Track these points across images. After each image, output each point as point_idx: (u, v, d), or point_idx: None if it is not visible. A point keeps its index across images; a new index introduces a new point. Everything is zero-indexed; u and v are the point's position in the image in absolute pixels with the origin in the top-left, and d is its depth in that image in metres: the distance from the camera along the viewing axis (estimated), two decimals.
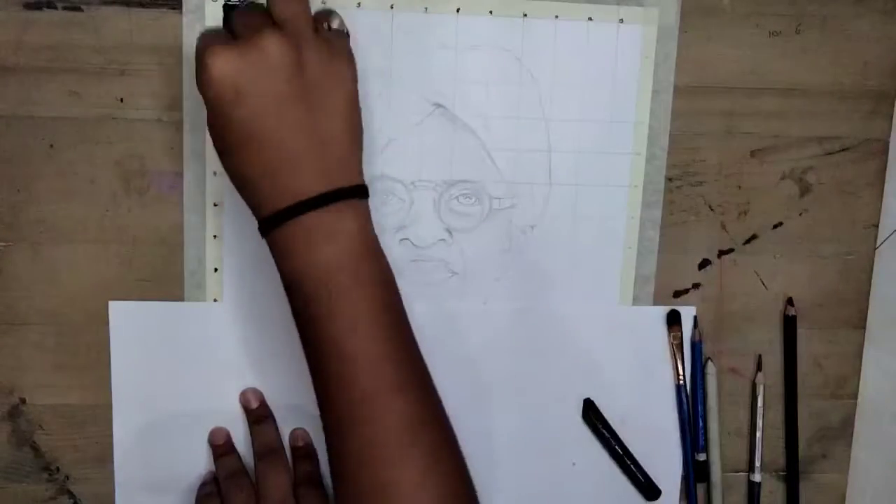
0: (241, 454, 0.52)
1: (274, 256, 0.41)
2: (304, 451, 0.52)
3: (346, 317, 0.40)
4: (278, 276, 0.47)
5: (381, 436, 0.40)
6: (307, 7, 0.40)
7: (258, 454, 0.51)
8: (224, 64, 0.38)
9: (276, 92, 0.39)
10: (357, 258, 0.40)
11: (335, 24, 0.43)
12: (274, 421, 0.52)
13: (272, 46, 0.38)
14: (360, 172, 0.42)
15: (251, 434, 0.52)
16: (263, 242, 0.50)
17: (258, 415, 0.52)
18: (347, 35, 0.44)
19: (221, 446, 0.52)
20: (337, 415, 0.40)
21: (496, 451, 0.54)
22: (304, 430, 0.53)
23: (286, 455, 0.52)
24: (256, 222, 0.41)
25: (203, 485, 0.52)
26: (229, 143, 0.40)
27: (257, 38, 0.38)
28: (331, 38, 0.41)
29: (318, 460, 0.52)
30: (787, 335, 0.55)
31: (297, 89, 0.39)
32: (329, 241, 0.40)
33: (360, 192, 0.41)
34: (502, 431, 0.54)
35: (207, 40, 0.39)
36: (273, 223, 0.40)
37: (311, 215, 0.39)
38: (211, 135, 0.41)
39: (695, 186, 0.53)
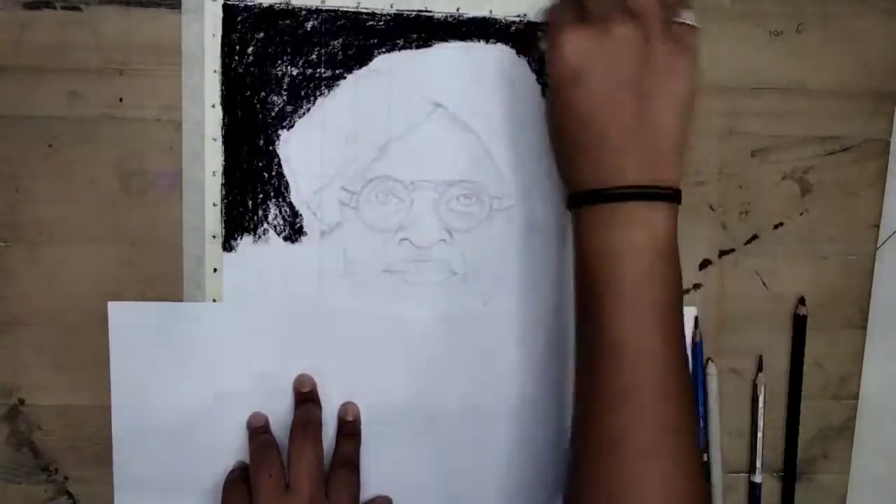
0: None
1: (575, 230, 0.43)
2: (350, 429, 0.51)
3: (629, 305, 0.41)
4: (278, 276, 0.47)
5: (630, 433, 0.40)
6: (660, 1, 0.41)
7: (293, 426, 0.49)
8: (573, 44, 0.40)
9: (618, 79, 0.40)
10: (656, 254, 0.41)
11: (687, 19, 0.43)
12: (319, 405, 0.51)
13: (622, 34, 0.40)
14: (681, 174, 0.43)
15: (295, 412, 0.51)
16: (262, 243, 0.50)
17: (306, 396, 0.51)
18: (697, 30, 0.43)
19: (258, 428, 0.51)
20: (592, 404, 0.41)
21: (496, 451, 0.54)
22: (356, 406, 0.52)
23: (321, 434, 0.50)
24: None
25: (232, 471, 0.51)
26: (562, 116, 0.42)
27: (609, 23, 0.40)
28: (679, 33, 0.42)
29: (360, 442, 0.52)
30: (797, 334, 0.55)
31: (638, 79, 0.40)
32: (635, 232, 0.41)
33: (675, 196, 0.42)
34: (502, 431, 0.54)
35: (560, 16, 0.41)
36: (586, 200, 0.42)
37: (625, 203, 0.41)
38: (548, 103, 0.44)
39: (695, 186, 0.53)
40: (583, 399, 0.43)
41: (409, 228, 0.51)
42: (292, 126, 0.49)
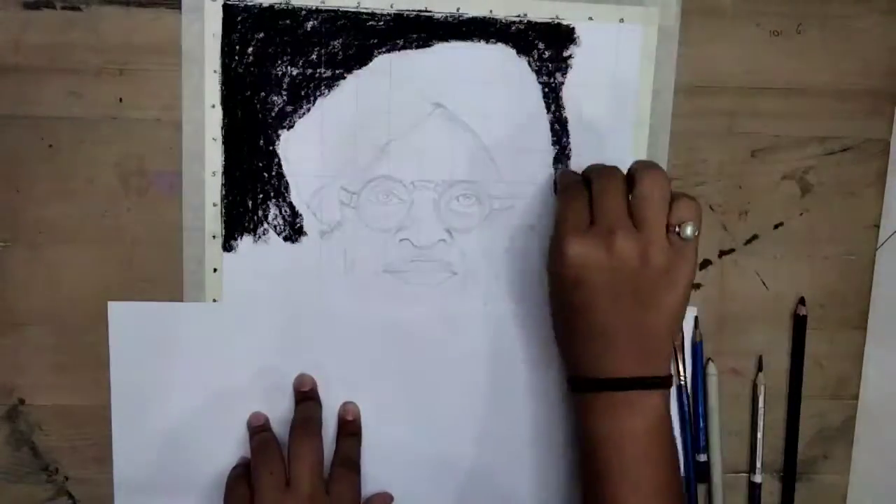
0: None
1: (577, 410, 0.47)
2: (351, 428, 0.52)
3: (631, 485, 0.45)
4: (278, 276, 0.47)
5: None
6: (665, 212, 0.44)
7: (293, 423, 0.49)
8: (577, 251, 0.43)
9: (615, 289, 0.44)
10: (654, 436, 0.45)
11: (688, 233, 0.44)
12: (320, 403, 0.51)
13: (624, 247, 0.43)
14: (669, 363, 0.47)
15: (295, 410, 0.51)
16: (262, 243, 0.50)
17: (306, 395, 0.51)
18: (694, 245, 0.45)
19: (258, 427, 0.51)
20: None
21: (496, 451, 0.54)
22: (356, 406, 0.52)
23: (321, 432, 0.50)
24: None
25: (235, 467, 0.51)
26: (561, 311, 0.47)
27: (614, 235, 0.43)
28: (678, 244, 0.44)
29: (360, 442, 0.52)
30: (797, 334, 0.55)
31: (635, 287, 0.44)
32: (633, 417, 0.45)
33: (666, 382, 0.46)
34: (502, 431, 0.54)
35: (568, 218, 0.45)
36: (587, 386, 0.46)
37: (625, 392, 0.45)
38: (549, 293, 0.48)
39: (695, 186, 0.53)
40: None
41: (409, 228, 0.51)
42: (292, 126, 0.49)
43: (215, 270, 0.50)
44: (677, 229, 0.44)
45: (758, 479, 0.56)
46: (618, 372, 0.45)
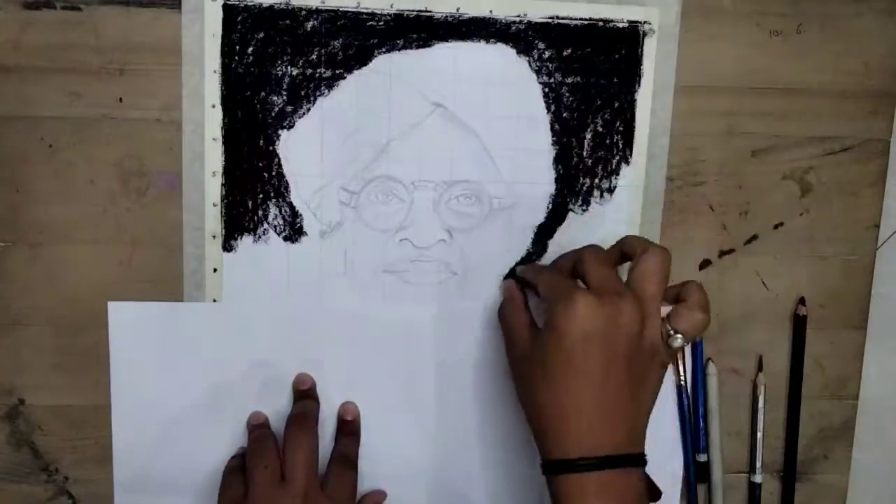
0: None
1: (553, 497, 0.44)
2: (350, 428, 0.52)
3: None
4: (278, 276, 0.47)
5: None
6: (662, 291, 0.44)
7: (289, 418, 0.49)
8: (585, 308, 0.42)
9: (615, 352, 0.42)
10: None
11: (675, 344, 0.44)
12: (317, 402, 0.51)
13: (627, 310, 0.42)
14: (644, 441, 0.45)
15: (292, 407, 0.51)
16: (262, 243, 0.50)
17: (305, 393, 0.51)
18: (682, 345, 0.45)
19: (257, 426, 0.51)
20: None
21: (495, 451, 0.54)
22: (356, 406, 0.52)
23: (317, 428, 0.50)
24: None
25: (232, 458, 0.51)
26: (557, 372, 0.43)
27: (617, 297, 0.42)
28: (664, 339, 0.44)
29: (359, 441, 0.52)
30: (796, 334, 0.55)
31: (631, 355, 0.43)
32: (608, 499, 0.42)
33: (643, 460, 0.44)
34: (502, 431, 0.54)
35: (571, 285, 0.44)
36: (565, 468, 0.43)
37: (606, 473, 0.42)
38: (530, 357, 0.45)
39: (695, 186, 0.53)
40: None
41: (409, 228, 0.51)
42: (292, 126, 0.49)
43: (215, 270, 0.50)
44: (670, 332, 0.44)
45: (758, 479, 0.56)
46: (609, 450, 0.42)
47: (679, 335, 0.44)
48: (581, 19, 0.50)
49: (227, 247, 0.50)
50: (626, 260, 0.47)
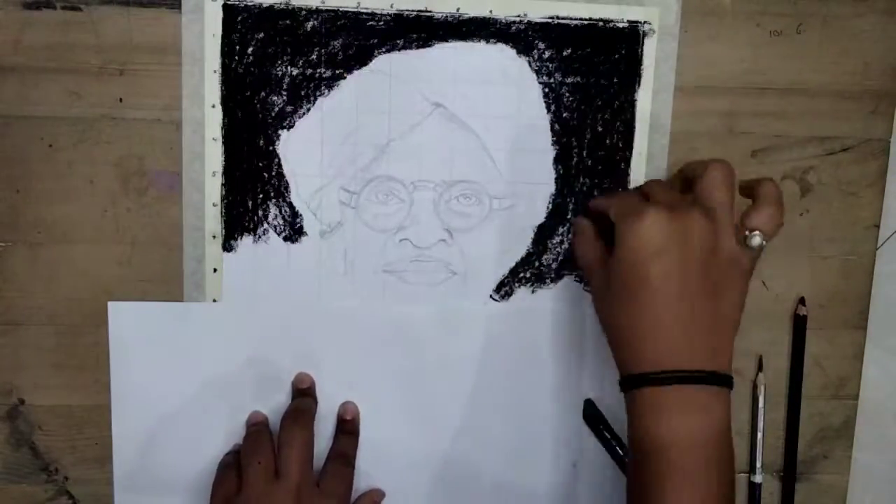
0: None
1: (629, 413, 0.43)
2: (349, 427, 0.52)
3: (683, 493, 0.41)
4: (278, 276, 0.47)
5: None
6: (732, 199, 0.43)
7: (285, 414, 0.49)
8: (658, 224, 0.41)
9: (692, 262, 0.41)
10: (712, 442, 0.42)
11: (754, 243, 0.44)
12: (315, 400, 0.51)
13: (698, 224, 0.41)
14: (731, 362, 0.43)
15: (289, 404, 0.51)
16: (262, 243, 0.50)
17: (303, 392, 0.51)
18: (758, 251, 0.44)
19: (256, 424, 0.51)
20: None
21: (496, 451, 0.54)
22: (356, 406, 0.52)
23: (313, 425, 0.49)
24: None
25: (226, 455, 0.51)
26: (632, 290, 0.42)
27: (687, 212, 0.41)
28: (742, 243, 0.43)
29: (358, 440, 0.52)
30: (796, 334, 0.55)
31: (707, 267, 0.41)
32: (694, 418, 0.41)
33: (729, 381, 0.43)
34: (502, 431, 0.54)
35: (627, 203, 0.43)
36: (642, 382, 0.42)
37: (685, 388, 0.41)
38: (607, 282, 0.43)
39: None
40: None
41: (409, 228, 0.51)
42: (292, 126, 0.49)
43: (215, 270, 0.50)
44: (746, 233, 0.43)
45: (758, 479, 0.56)
46: (685, 365, 0.41)
47: (756, 233, 0.43)
48: (581, 19, 0.50)
49: (227, 247, 0.50)
50: (690, 185, 0.45)
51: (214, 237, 0.50)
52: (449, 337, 0.52)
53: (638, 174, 0.52)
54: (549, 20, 0.50)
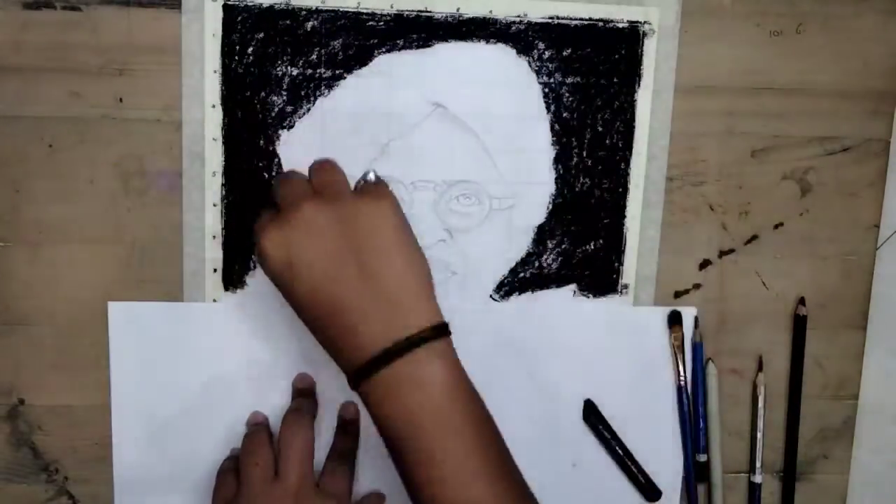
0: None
1: (367, 408, 0.42)
2: (349, 428, 0.52)
3: (439, 464, 0.40)
4: None
5: None
6: (342, 174, 0.44)
7: (285, 415, 0.49)
8: (273, 239, 0.41)
9: (326, 254, 0.41)
10: (446, 402, 0.41)
11: (370, 177, 0.44)
12: (315, 400, 0.51)
13: (311, 211, 0.41)
14: (436, 311, 0.42)
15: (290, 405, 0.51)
16: None
17: (303, 392, 0.51)
18: (384, 183, 0.44)
19: (255, 425, 0.51)
20: None
21: None
22: (356, 406, 0.52)
23: (313, 425, 0.49)
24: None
25: (227, 459, 0.51)
26: (302, 312, 0.42)
27: (296, 208, 0.41)
28: (367, 189, 0.43)
29: (358, 441, 0.52)
30: (796, 334, 0.55)
31: (346, 245, 0.41)
32: (415, 388, 0.40)
33: (438, 331, 0.42)
34: (502, 431, 0.54)
35: (261, 222, 0.43)
36: (359, 377, 0.41)
37: (393, 366, 0.40)
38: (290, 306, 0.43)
39: (695, 186, 0.53)
40: None
41: None
42: (292, 126, 0.49)
43: (215, 270, 0.50)
44: (363, 181, 0.44)
45: (758, 479, 0.56)
46: (377, 346, 0.40)
47: (370, 171, 0.44)
48: (581, 19, 0.50)
49: (227, 247, 0.50)
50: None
51: (214, 237, 0.50)
52: None
53: (638, 174, 0.52)
54: (549, 20, 0.50)
